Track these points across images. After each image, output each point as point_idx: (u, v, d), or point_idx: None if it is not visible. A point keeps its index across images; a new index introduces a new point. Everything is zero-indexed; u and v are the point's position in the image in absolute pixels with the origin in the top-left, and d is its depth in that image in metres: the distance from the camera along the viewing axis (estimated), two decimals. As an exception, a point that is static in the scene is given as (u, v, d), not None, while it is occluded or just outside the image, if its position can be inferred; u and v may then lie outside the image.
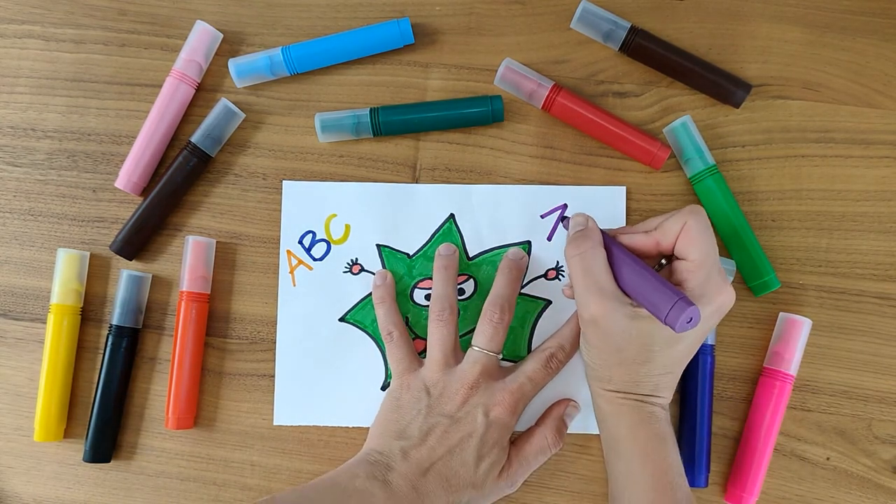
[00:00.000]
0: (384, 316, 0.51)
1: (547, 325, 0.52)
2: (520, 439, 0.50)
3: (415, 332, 0.52)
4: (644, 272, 0.44)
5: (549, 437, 0.49)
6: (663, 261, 0.47)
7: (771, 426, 0.49)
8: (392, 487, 0.45)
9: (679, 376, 0.47)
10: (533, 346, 0.52)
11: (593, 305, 0.44)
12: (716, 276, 0.44)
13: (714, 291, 0.44)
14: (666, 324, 0.42)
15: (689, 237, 0.44)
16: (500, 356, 0.50)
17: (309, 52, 0.53)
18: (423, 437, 0.47)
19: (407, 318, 0.53)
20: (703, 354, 0.50)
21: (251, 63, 0.53)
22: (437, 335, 0.49)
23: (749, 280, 0.51)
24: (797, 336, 0.50)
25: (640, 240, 0.47)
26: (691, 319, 0.41)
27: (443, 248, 0.52)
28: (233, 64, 0.53)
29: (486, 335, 0.49)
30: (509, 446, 0.48)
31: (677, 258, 0.46)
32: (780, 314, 0.51)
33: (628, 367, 0.45)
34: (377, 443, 0.48)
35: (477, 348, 0.49)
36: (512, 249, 0.52)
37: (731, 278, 0.50)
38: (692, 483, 0.49)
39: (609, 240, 0.47)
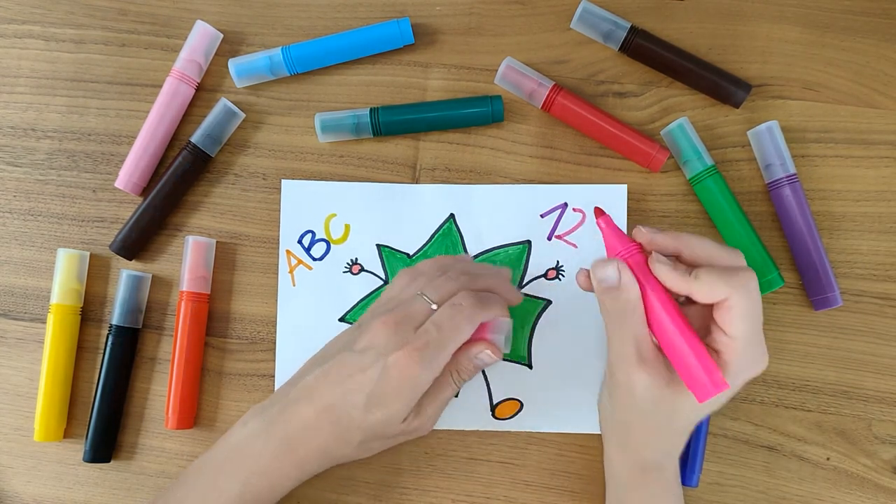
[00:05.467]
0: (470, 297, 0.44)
1: (547, 325, 0.52)
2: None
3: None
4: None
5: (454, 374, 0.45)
6: None
7: None
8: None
9: (686, 439, 0.46)
10: (533, 346, 0.52)
11: (633, 372, 0.41)
12: (755, 350, 0.40)
13: (750, 366, 0.40)
14: (692, 392, 0.40)
15: (732, 315, 0.39)
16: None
17: (309, 52, 0.53)
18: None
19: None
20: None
21: (251, 63, 0.53)
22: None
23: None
24: None
25: (674, 283, 0.40)
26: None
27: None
28: (233, 64, 0.53)
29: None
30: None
31: (715, 324, 0.41)
32: None
33: (648, 431, 0.45)
34: None
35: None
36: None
37: None
38: (683, 482, 0.49)
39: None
